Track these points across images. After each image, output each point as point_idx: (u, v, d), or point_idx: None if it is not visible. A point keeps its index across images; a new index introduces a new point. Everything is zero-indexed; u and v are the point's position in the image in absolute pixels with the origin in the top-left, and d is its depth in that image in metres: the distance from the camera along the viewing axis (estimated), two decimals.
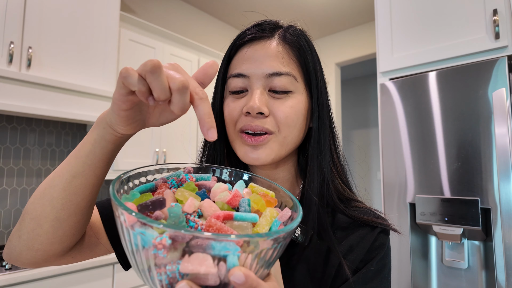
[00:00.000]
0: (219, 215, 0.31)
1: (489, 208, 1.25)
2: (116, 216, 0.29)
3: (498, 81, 1.28)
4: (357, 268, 0.51)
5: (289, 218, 0.36)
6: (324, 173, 0.54)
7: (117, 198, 0.29)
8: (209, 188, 0.38)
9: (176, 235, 0.25)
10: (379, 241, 0.53)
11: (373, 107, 5.24)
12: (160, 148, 2.38)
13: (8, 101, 1.60)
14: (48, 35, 1.80)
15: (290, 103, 0.53)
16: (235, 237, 0.25)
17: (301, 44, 0.56)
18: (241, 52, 0.56)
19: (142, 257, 0.27)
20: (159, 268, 0.26)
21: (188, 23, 3.26)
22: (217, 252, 0.25)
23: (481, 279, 1.31)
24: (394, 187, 1.53)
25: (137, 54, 2.30)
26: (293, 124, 0.53)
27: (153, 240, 0.25)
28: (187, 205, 0.32)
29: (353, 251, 0.52)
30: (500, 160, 1.22)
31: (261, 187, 0.41)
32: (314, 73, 0.56)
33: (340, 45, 3.94)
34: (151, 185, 0.38)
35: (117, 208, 0.28)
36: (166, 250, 0.25)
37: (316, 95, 0.56)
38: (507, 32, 1.34)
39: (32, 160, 2.04)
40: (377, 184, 5.24)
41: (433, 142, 1.42)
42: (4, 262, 1.50)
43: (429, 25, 1.57)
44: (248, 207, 0.35)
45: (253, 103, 0.51)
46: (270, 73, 0.52)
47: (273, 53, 0.53)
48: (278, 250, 0.30)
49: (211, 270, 0.25)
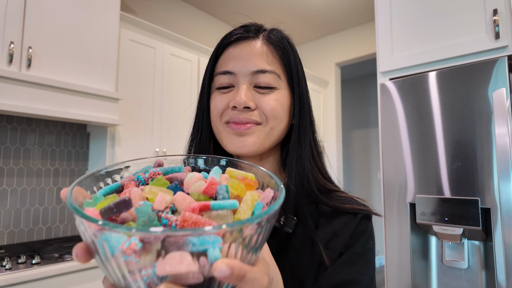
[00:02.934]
0: (194, 208, 0.28)
1: (489, 208, 1.25)
2: (77, 226, 0.26)
3: (498, 81, 1.28)
4: (341, 252, 0.53)
5: (272, 199, 0.33)
6: (303, 165, 0.57)
7: (73, 206, 0.26)
8: (181, 180, 0.35)
9: (146, 237, 0.22)
10: (361, 226, 0.55)
11: (373, 107, 5.24)
12: (160, 148, 2.38)
13: (8, 101, 1.60)
14: (48, 35, 1.80)
15: (275, 97, 0.56)
16: (212, 229, 0.23)
17: (284, 45, 0.59)
18: (228, 51, 0.58)
19: (113, 265, 0.24)
20: (134, 275, 0.24)
21: (188, 23, 3.26)
22: (196, 247, 0.23)
23: (481, 279, 1.31)
24: (394, 187, 1.53)
25: (137, 54, 2.30)
26: (279, 116, 0.56)
27: (121, 246, 0.23)
28: (157, 202, 0.29)
29: (337, 236, 0.54)
30: (500, 160, 1.22)
31: (240, 171, 0.38)
32: (296, 72, 0.59)
33: (340, 45, 3.94)
34: (116, 185, 0.35)
35: (76, 216, 0.25)
36: (137, 254, 0.23)
37: (298, 93, 0.59)
38: (507, 32, 1.34)
39: (32, 160, 2.04)
40: (377, 184, 5.24)
41: (433, 142, 1.42)
42: (4, 262, 1.50)
43: (429, 25, 1.57)
44: (226, 193, 0.32)
45: (239, 98, 0.54)
46: (255, 71, 0.55)
47: (258, 52, 0.56)
48: (264, 233, 0.28)
49: (191, 268, 0.23)
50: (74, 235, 2.20)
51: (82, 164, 2.29)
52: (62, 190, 0.32)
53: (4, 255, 1.65)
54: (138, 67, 2.31)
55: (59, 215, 2.15)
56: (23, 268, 1.50)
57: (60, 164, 2.17)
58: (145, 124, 2.32)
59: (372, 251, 0.55)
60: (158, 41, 2.45)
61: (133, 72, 2.27)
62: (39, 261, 1.57)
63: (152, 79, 2.39)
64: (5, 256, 1.61)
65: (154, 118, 2.37)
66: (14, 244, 1.91)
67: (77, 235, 2.19)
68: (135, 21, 2.33)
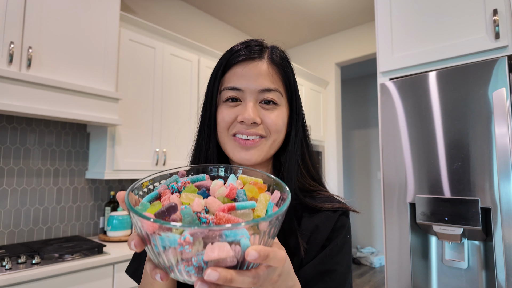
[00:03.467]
0: (224, 208, 0.37)
1: (489, 208, 1.25)
2: (139, 227, 0.34)
3: (498, 81, 1.28)
4: (323, 245, 0.61)
5: (279, 199, 0.42)
6: (292, 168, 0.65)
7: (138, 212, 0.33)
8: (207, 187, 0.44)
9: (195, 232, 0.30)
10: (340, 221, 0.63)
11: (373, 107, 5.24)
12: (160, 148, 2.38)
13: (8, 101, 1.60)
14: (48, 35, 1.80)
15: (277, 113, 0.64)
16: (245, 224, 0.32)
17: (285, 65, 0.67)
18: (235, 69, 0.65)
19: (170, 255, 0.32)
20: (186, 262, 0.32)
21: (188, 23, 3.26)
22: (232, 238, 0.31)
23: (481, 279, 1.31)
24: (394, 187, 1.53)
25: (137, 54, 2.30)
26: (280, 130, 0.64)
27: (179, 239, 0.30)
28: (195, 205, 0.37)
29: (319, 230, 0.62)
30: (500, 160, 1.22)
31: (250, 177, 0.47)
32: (294, 90, 0.68)
33: (340, 45, 3.94)
34: (155, 194, 0.43)
35: (139, 220, 0.33)
36: (190, 245, 0.30)
37: (296, 108, 0.68)
38: (507, 32, 1.34)
39: (32, 160, 2.04)
40: (377, 184, 5.24)
41: (433, 142, 1.42)
42: (4, 262, 1.50)
43: (429, 25, 1.57)
44: (244, 196, 0.41)
45: (248, 115, 0.61)
46: (261, 89, 0.62)
47: (264, 72, 0.64)
48: (278, 225, 0.37)
49: (229, 253, 0.31)
50: (74, 235, 2.20)
51: (82, 164, 2.29)
52: (118, 194, 0.40)
53: (4, 255, 1.65)
54: (138, 67, 2.31)
55: (59, 215, 2.15)
56: (23, 268, 1.51)
57: (60, 164, 2.17)
58: (145, 124, 2.32)
59: (348, 243, 0.64)
60: (158, 41, 2.45)
61: (133, 72, 2.27)
62: (39, 261, 1.57)
63: (152, 79, 2.39)
64: (5, 256, 1.61)
65: (154, 118, 2.37)
66: (14, 244, 1.91)
67: (77, 235, 2.19)
68: (135, 21, 2.33)
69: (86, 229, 2.28)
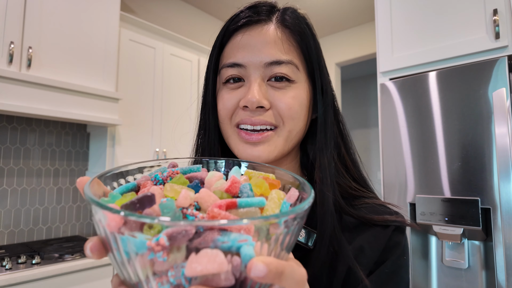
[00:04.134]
0: (221, 204, 0.26)
1: (489, 208, 1.25)
2: (97, 222, 0.24)
3: (498, 81, 1.28)
4: (370, 271, 0.46)
5: (297, 199, 0.31)
6: (329, 170, 0.49)
7: (95, 199, 0.24)
8: (201, 179, 0.34)
9: (175, 232, 0.20)
10: (393, 240, 0.47)
11: (373, 107, 5.24)
12: (160, 148, 2.38)
13: (8, 101, 1.60)
14: (48, 35, 1.80)
15: (293, 94, 0.48)
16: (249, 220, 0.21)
17: (302, 28, 0.50)
18: (235, 38, 0.50)
19: (137, 266, 0.22)
20: (160, 277, 0.22)
21: (188, 23, 3.26)
22: (229, 245, 0.21)
23: (481, 279, 1.31)
24: (394, 187, 1.53)
25: (137, 54, 2.30)
26: (297, 116, 0.48)
27: (148, 241, 0.21)
28: (181, 198, 0.26)
29: (365, 252, 0.46)
30: (500, 160, 1.22)
31: (259, 172, 0.36)
32: (318, 61, 0.50)
33: (340, 45, 3.94)
34: (132, 184, 0.33)
35: (97, 210, 0.23)
36: (165, 252, 0.20)
37: (320, 84, 0.50)
38: (507, 32, 1.34)
39: (32, 160, 2.04)
40: (377, 184, 5.22)
41: (433, 142, 1.42)
42: (4, 262, 1.50)
43: (429, 25, 1.57)
44: (250, 192, 0.30)
45: (252, 96, 0.45)
46: (269, 62, 0.47)
47: (271, 39, 0.48)
48: (296, 233, 0.26)
49: (223, 267, 0.20)
50: (74, 235, 2.20)
51: (82, 164, 2.29)
52: (79, 179, 0.29)
53: (4, 255, 1.65)
54: (138, 67, 2.31)
55: (59, 215, 2.15)
56: (23, 268, 1.50)
57: (60, 164, 2.17)
58: (145, 124, 2.32)
59: (404, 267, 0.48)
60: (158, 41, 2.45)
61: (133, 72, 2.27)
62: (39, 261, 1.57)
63: (152, 79, 2.39)
64: (5, 256, 1.61)
65: (154, 118, 2.37)
66: (14, 244, 1.91)
67: (77, 235, 2.19)
68: (135, 21, 2.33)
69: (86, 229, 2.28)
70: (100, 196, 0.30)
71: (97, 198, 0.28)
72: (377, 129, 5.56)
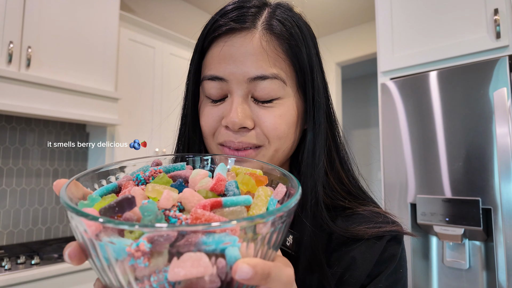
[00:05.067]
0: (205, 204, 0.26)
1: (490, 208, 1.25)
2: (74, 228, 0.23)
3: (499, 81, 1.27)
4: (363, 285, 0.42)
5: (285, 195, 0.31)
6: (317, 191, 0.45)
7: (70, 205, 0.23)
8: (185, 178, 0.33)
9: (156, 236, 0.20)
10: (389, 251, 0.44)
11: (373, 107, 5.23)
12: (160, 148, 2.38)
13: (7, 101, 1.59)
14: (48, 35, 1.79)
15: (279, 112, 0.44)
16: (235, 222, 0.21)
17: (291, 34, 0.45)
18: (216, 46, 0.45)
19: (117, 272, 0.22)
20: (141, 283, 0.21)
21: (188, 23, 3.25)
22: (213, 247, 0.21)
23: (482, 279, 1.31)
24: (395, 187, 1.52)
25: (137, 53, 2.30)
26: (284, 135, 0.45)
27: (128, 247, 0.20)
28: (163, 199, 0.26)
29: (357, 264, 0.43)
30: (501, 160, 1.22)
31: (246, 168, 0.35)
32: (310, 70, 0.46)
33: (340, 45, 3.93)
34: (113, 185, 0.32)
35: (73, 217, 0.22)
36: (146, 257, 0.20)
37: (312, 97, 0.46)
38: (508, 31, 1.33)
39: (31, 160, 2.04)
40: (377, 184, 5.22)
41: (434, 142, 1.42)
42: (3, 262, 1.50)
43: (429, 24, 1.56)
44: (236, 189, 0.30)
45: (234, 116, 0.42)
46: (252, 77, 0.42)
47: (255, 50, 0.43)
48: (283, 231, 0.26)
49: (208, 270, 0.20)
50: (73, 235, 2.20)
51: (82, 164, 2.28)
52: (56, 182, 0.28)
53: (4, 255, 1.64)
54: (138, 67, 2.30)
55: (59, 215, 2.14)
56: (23, 268, 1.50)
57: (59, 164, 2.17)
58: (144, 124, 2.31)
59: (402, 281, 0.44)
60: (157, 41, 2.45)
61: (133, 71, 2.27)
62: (38, 262, 1.57)
63: (151, 79, 2.38)
64: (5, 257, 1.61)
65: (153, 118, 2.37)
66: (13, 244, 1.91)
67: None
68: (134, 21, 2.32)
69: None
70: (79, 198, 0.30)
71: (75, 202, 0.28)
72: (378, 129, 5.54)
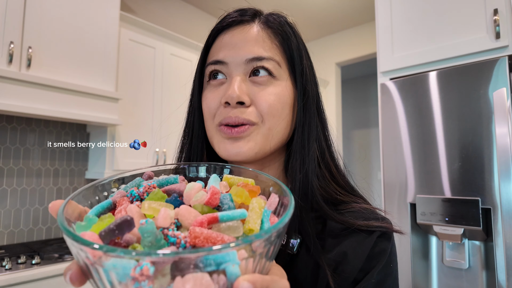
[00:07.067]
0: (202, 221, 0.26)
1: (490, 208, 1.25)
2: (75, 254, 0.24)
3: (498, 81, 1.27)
4: (355, 279, 0.44)
5: (278, 204, 0.32)
6: (307, 172, 0.48)
7: (70, 232, 0.23)
8: (179, 192, 0.33)
9: (158, 261, 0.21)
10: (379, 246, 0.46)
11: (373, 107, 5.23)
12: (160, 148, 2.38)
13: (8, 101, 1.60)
14: (48, 35, 1.80)
15: (274, 91, 0.48)
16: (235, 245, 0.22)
17: (284, 29, 0.52)
18: (220, 38, 0.52)
19: None
20: None
21: (188, 23, 3.26)
22: (214, 266, 0.22)
23: (482, 279, 1.31)
24: (395, 187, 1.52)
25: (137, 54, 2.30)
26: (278, 114, 0.48)
27: (132, 272, 0.21)
28: (161, 218, 0.26)
29: (348, 259, 0.45)
30: (500, 160, 1.22)
31: (238, 177, 0.36)
32: (299, 60, 0.51)
33: (340, 45, 3.93)
34: (107, 203, 0.32)
35: (73, 244, 0.23)
36: (150, 280, 0.21)
37: (301, 83, 0.50)
38: (508, 31, 1.34)
39: (32, 160, 2.04)
40: (377, 184, 5.23)
41: (434, 142, 1.42)
42: (4, 262, 1.50)
43: (429, 24, 1.57)
44: (231, 203, 0.31)
45: (232, 92, 0.46)
46: (250, 58, 0.48)
47: (253, 37, 0.49)
48: (279, 242, 0.27)
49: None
50: None
51: (82, 164, 2.28)
52: (51, 204, 0.29)
53: (4, 255, 1.64)
54: (138, 67, 2.31)
55: None
56: (23, 268, 1.50)
57: (60, 164, 2.17)
58: (145, 124, 2.32)
59: (392, 275, 0.46)
60: (158, 41, 2.45)
61: (133, 72, 2.27)
62: (39, 261, 1.57)
63: (152, 79, 2.38)
64: (5, 256, 1.61)
65: (154, 118, 2.37)
66: (14, 244, 1.91)
67: None
68: (135, 21, 2.33)
69: None
70: (75, 218, 0.30)
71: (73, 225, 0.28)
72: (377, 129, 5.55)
